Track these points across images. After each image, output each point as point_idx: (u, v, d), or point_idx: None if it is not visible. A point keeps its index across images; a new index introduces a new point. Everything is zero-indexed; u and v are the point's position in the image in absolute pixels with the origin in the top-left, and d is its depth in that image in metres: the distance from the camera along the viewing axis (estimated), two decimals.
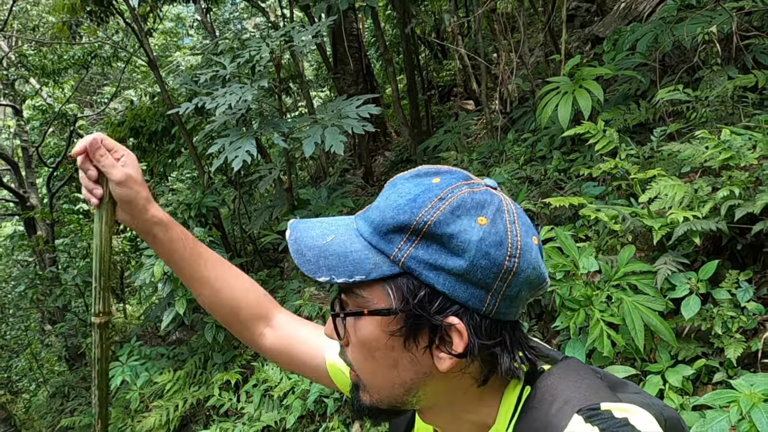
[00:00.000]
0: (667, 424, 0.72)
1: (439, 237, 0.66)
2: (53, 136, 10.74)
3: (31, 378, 10.85)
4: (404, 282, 0.67)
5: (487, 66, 5.70)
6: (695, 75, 3.60)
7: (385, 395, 0.74)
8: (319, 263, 0.70)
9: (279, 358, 1.12)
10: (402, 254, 0.67)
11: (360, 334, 0.72)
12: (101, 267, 1.00)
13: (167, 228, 1.03)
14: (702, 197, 2.41)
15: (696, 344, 2.25)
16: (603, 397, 0.68)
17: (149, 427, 4.74)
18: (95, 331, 1.03)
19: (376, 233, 0.69)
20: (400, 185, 0.71)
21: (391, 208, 0.68)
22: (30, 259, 10.59)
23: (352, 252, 0.69)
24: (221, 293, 1.08)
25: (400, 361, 0.71)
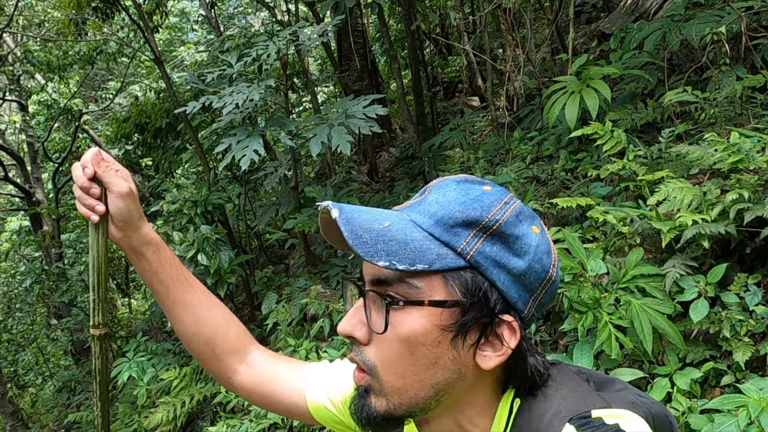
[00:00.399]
0: (655, 421, 0.74)
1: (507, 237, 0.68)
2: (58, 131, 10.76)
3: (38, 372, 10.94)
4: (468, 275, 0.68)
5: (492, 63, 5.69)
6: (703, 75, 3.58)
7: (407, 399, 0.70)
8: (378, 247, 0.67)
9: (251, 396, 1.07)
10: (470, 248, 0.67)
11: (404, 328, 0.68)
12: (98, 279, 0.99)
13: (158, 248, 1.01)
14: (711, 200, 2.41)
15: (704, 347, 2.26)
16: (593, 404, 0.69)
17: (156, 423, 4.77)
18: (95, 343, 1.02)
19: (439, 225, 0.69)
20: (454, 186, 0.72)
21: (456, 203, 0.69)
22: (36, 254, 10.65)
23: (413, 240, 0.68)
24: (202, 321, 1.05)
25: (441, 358, 0.69)
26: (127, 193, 0.95)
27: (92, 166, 0.93)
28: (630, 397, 0.76)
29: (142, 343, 5.82)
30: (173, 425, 4.81)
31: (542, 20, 8.02)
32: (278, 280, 5.52)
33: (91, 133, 11.01)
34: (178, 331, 1.06)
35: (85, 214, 0.95)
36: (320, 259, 5.40)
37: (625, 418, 0.66)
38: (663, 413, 0.77)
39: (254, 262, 6.71)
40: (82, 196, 0.95)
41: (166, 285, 1.02)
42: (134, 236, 0.99)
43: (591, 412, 0.67)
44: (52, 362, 10.63)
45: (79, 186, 0.94)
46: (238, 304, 6.44)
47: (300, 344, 4.13)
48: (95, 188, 0.94)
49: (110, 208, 0.96)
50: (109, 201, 0.95)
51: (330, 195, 4.66)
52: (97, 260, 0.98)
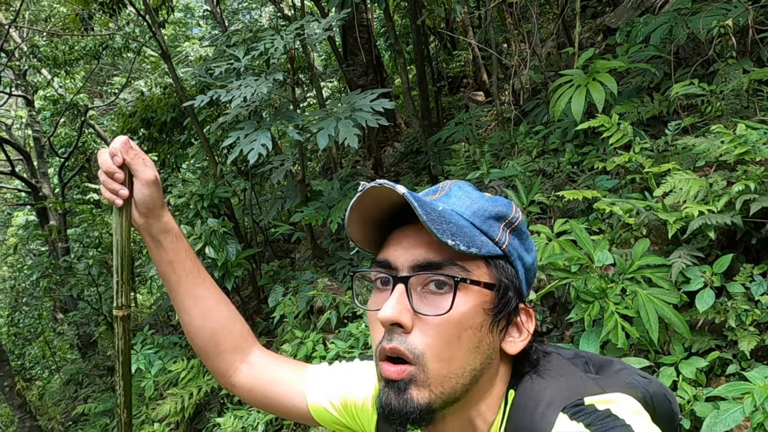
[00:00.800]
0: (653, 400, 0.77)
1: (522, 233, 0.78)
2: (64, 126, 10.79)
3: (44, 365, 11.01)
4: (502, 264, 0.74)
5: (498, 57, 5.69)
6: (710, 68, 3.59)
7: (448, 388, 0.70)
8: (443, 227, 0.68)
9: (250, 395, 1.08)
10: (504, 239, 0.75)
11: (457, 309, 0.69)
12: (122, 262, 1.02)
13: (176, 238, 1.03)
14: (717, 191, 2.42)
15: (710, 337, 2.28)
16: (585, 392, 0.71)
17: (164, 414, 4.82)
18: (117, 323, 1.04)
19: (476, 216, 0.75)
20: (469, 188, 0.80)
21: (484, 199, 0.77)
22: (43, 249, 10.71)
23: (464, 226, 0.72)
24: (209, 315, 1.06)
25: (482, 342, 0.71)
26: (153, 180, 0.98)
27: (121, 154, 0.95)
28: (627, 378, 0.79)
29: (148, 336, 5.87)
30: (181, 416, 4.86)
31: (548, 14, 8.01)
32: (284, 274, 5.55)
33: (97, 129, 11.05)
34: (184, 323, 1.07)
35: (110, 198, 0.97)
36: (326, 252, 5.43)
37: (616, 402, 0.68)
38: (661, 392, 0.80)
39: (261, 256, 6.75)
40: (106, 180, 0.97)
41: (179, 275, 1.04)
42: (155, 223, 1.01)
43: (584, 399, 0.69)
44: (59, 356, 10.69)
45: (104, 171, 0.96)
46: (244, 297, 6.48)
47: (307, 336, 4.16)
48: (119, 173, 0.96)
49: (135, 194, 0.98)
50: (135, 188, 0.98)
51: (336, 188, 4.68)
52: (120, 244, 1.01)
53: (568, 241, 2.64)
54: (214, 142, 6.11)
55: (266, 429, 4.14)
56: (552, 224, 3.02)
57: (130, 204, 0.99)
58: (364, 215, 0.75)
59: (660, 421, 0.76)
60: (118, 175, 0.96)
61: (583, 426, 0.65)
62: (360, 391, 0.98)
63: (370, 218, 0.76)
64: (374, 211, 0.75)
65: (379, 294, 0.75)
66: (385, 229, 0.78)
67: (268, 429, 4.16)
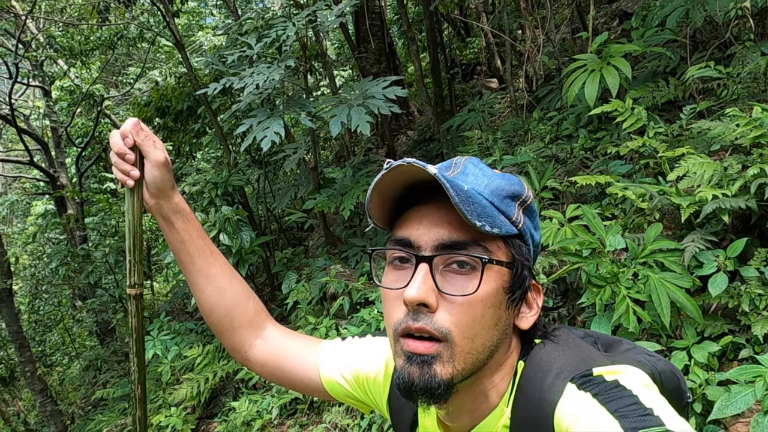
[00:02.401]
0: (662, 377, 0.77)
1: (533, 212, 0.79)
2: (81, 116, 10.91)
3: (64, 352, 11.22)
4: (518, 243, 0.75)
5: (511, 43, 5.64)
6: (727, 51, 3.53)
7: (469, 363, 0.71)
8: (471, 207, 0.69)
9: (265, 369, 1.10)
10: (520, 219, 0.76)
11: (482, 290, 0.70)
12: (134, 241, 1.04)
13: (187, 218, 1.05)
14: (732, 175, 2.40)
15: (723, 321, 2.27)
16: (594, 363, 0.72)
17: (181, 398, 4.91)
18: (130, 301, 1.07)
19: (494, 195, 0.75)
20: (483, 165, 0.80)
21: (498, 177, 0.78)
22: (61, 237, 10.88)
23: (486, 206, 0.72)
24: (223, 293, 1.08)
25: (501, 319, 0.74)
26: (163, 162, 0.99)
27: (132, 136, 0.97)
28: (636, 356, 0.79)
29: (165, 323, 5.96)
30: (197, 401, 4.94)
31: (562, 0, 7.92)
32: (298, 261, 5.59)
33: (113, 118, 11.16)
34: (199, 301, 1.09)
35: (121, 178, 1.00)
36: (339, 239, 5.46)
37: (624, 372, 0.69)
38: (669, 369, 0.80)
39: (274, 244, 6.80)
40: (118, 161, 0.99)
41: (192, 255, 1.06)
42: (166, 204, 1.03)
43: (592, 370, 0.70)
44: (78, 342, 10.89)
45: (115, 152, 0.98)
46: (258, 284, 6.54)
47: (320, 322, 4.20)
48: (130, 154, 0.98)
49: (146, 176, 1.00)
50: (146, 169, 1.00)
51: (349, 176, 4.70)
52: (132, 224, 1.03)
53: (580, 226, 2.63)
54: (228, 130, 6.15)
55: (280, 413, 4.20)
56: (564, 210, 3.01)
57: (141, 185, 1.01)
58: (382, 192, 0.75)
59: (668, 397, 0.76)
60: (129, 156, 0.98)
61: (591, 396, 0.65)
62: (372, 365, 1.00)
63: (388, 195, 0.75)
64: (393, 189, 0.75)
65: (395, 272, 0.75)
66: (400, 207, 0.77)
67: (282, 413, 4.22)
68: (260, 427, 4.16)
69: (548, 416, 0.69)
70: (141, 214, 1.04)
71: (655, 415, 0.60)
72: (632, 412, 0.61)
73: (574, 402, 0.67)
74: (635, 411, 0.61)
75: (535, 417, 0.71)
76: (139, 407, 1.12)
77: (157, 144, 1.00)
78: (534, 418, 0.71)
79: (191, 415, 5.14)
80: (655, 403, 0.63)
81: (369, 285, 4.23)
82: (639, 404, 0.62)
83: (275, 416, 4.17)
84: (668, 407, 0.64)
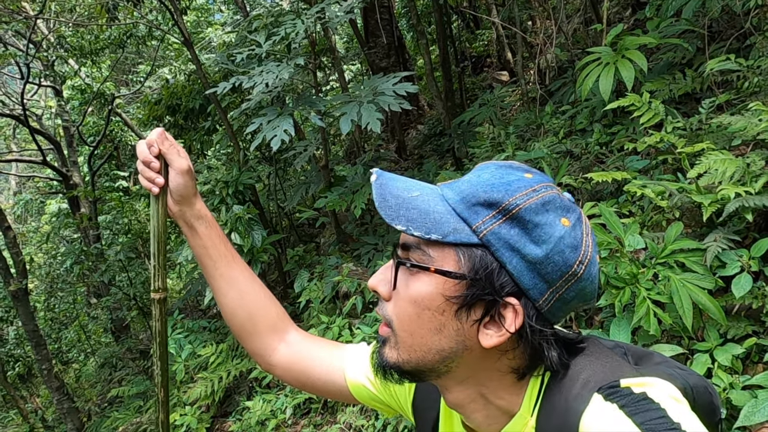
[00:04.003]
0: (694, 392, 0.74)
1: (526, 223, 0.69)
2: (92, 115, 10.96)
3: (80, 349, 11.34)
4: (478, 253, 0.70)
5: (522, 35, 5.56)
6: (746, 41, 3.44)
7: (414, 358, 0.75)
8: (400, 212, 0.71)
9: (289, 374, 1.10)
10: (485, 227, 0.70)
11: (414, 290, 0.73)
12: (158, 247, 1.07)
13: (209, 224, 1.08)
14: (755, 172, 2.33)
15: (747, 323, 2.21)
16: (622, 374, 0.69)
17: (195, 397, 4.92)
18: (155, 306, 1.09)
19: (462, 202, 0.72)
20: (493, 169, 0.74)
21: (483, 184, 0.72)
22: (75, 236, 10.97)
23: (435, 212, 0.71)
24: (246, 297, 1.09)
25: (446, 327, 0.72)
26: (186, 170, 1.03)
27: (157, 145, 1.01)
28: (668, 370, 0.76)
29: (178, 321, 5.98)
30: (211, 399, 4.96)
31: None
32: (309, 259, 5.58)
33: (124, 117, 11.20)
34: (222, 306, 1.11)
35: (147, 186, 1.03)
36: (351, 237, 5.43)
37: (653, 385, 0.66)
38: (702, 384, 0.77)
39: (286, 241, 6.79)
40: (144, 169, 1.03)
41: (214, 260, 1.08)
42: (188, 210, 1.06)
43: (620, 381, 0.67)
44: (94, 339, 10.99)
45: (141, 161, 1.02)
46: (270, 282, 6.54)
47: (332, 321, 4.18)
48: (155, 163, 1.02)
49: (170, 183, 1.03)
50: (170, 177, 1.03)
51: (360, 173, 4.66)
52: (156, 230, 1.06)
53: (597, 224, 2.57)
54: (238, 128, 6.13)
55: (294, 412, 4.20)
56: (581, 207, 2.95)
57: (165, 192, 1.05)
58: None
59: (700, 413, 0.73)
60: (154, 164, 1.02)
61: (617, 407, 0.63)
62: None
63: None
64: None
65: None
66: None
67: (296, 412, 4.22)
68: (274, 426, 4.16)
69: (573, 426, 0.67)
70: (165, 220, 1.07)
71: (682, 430, 0.58)
72: (659, 426, 0.59)
73: (599, 413, 0.65)
74: (662, 425, 0.59)
75: (560, 427, 0.69)
76: (162, 410, 1.14)
77: (181, 153, 1.04)
78: (559, 428, 0.70)
79: (206, 414, 5.16)
80: (684, 417, 0.61)
81: None
82: (667, 418, 0.60)
83: (289, 416, 4.17)
84: (697, 422, 0.61)
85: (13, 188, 17.33)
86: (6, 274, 7.60)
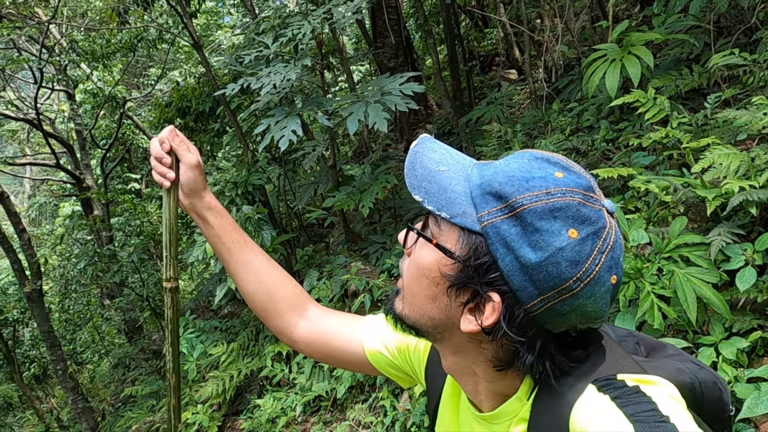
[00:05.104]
0: (702, 387, 0.75)
1: (527, 224, 0.67)
2: (104, 118, 11.09)
3: (94, 350, 11.47)
4: (477, 241, 0.71)
5: (530, 33, 5.56)
6: (753, 36, 3.43)
7: (413, 315, 0.80)
8: (422, 184, 0.75)
9: (311, 348, 1.15)
10: (488, 218, 0.70)
11: (420, 256, 0.77)
12: (170, 238, 1.12)
13: (219, 214, 1.13)
14: (759, 166, 2.33)
15: (752, 316, 2.21)
16: (620, 369, 0.71)
17: (207, 396, 4.98)
18: (167, 294, 1.14)
19: (479, 187, 0.72)
20: (527, 159, 0.73)
21: (505, 174, 0.71)
22: (88, 238, 11.10)
23: (453, 191, 0.74)
24: (263, 278, 1.14)
25: (438, 299, 0.76)
26: (196, 164, 1.09)
27: (168, 141, 1.07)
28: (677, 364, 0.77)
29: (190, 321, 6.04)
30: (222, 398, 5.01)
31: None
32: (319, 258, 5.62)
33: (135, 120, 11.31)
34: (241, 289, 1.16)
35: (159, 180, 1.09)
36: (360, 236, 5.46)
37: (648, 382, 0.67)
38: (712, 380, 0.78)
39: (295, 241, 6.83)
40: (156, 165, 1.09)
41: (228, 247, 1.13)
42: (198, 203, 1.12)
43: (617, 375, 0.69)
44: (107, 340, 11.12)
45: (153, 156, 1.08)
46: None
47: None
48: (167, 158, 1.08)
49: (181, 177, 1.09)
50: (181, 171, 1.09)
51: (368, 173, 4.69)
52: (168, 222, 1.11)
53: None
54: (247, 129, 6.18)
55: (304, 410, 4.23)
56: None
57: (176, 186, 1.10)
58: None
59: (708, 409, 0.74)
60: (166, 159, 1.08)
61: (609, 398, 0.65)
62: None
63: None
64: None
65: None
66: None
67: (306, 410, 4.26)
68: (285, 424, 4.20)
69: (565, 414, 0.69)
70: (177, 212, 1.12)
71: (671, 422, 0.60)
72: (648, 418, 0.60)
73: (591, 403, 0.67)
74: (652, 417, 0.61)
75: (553, 413, 0.71)
76: (174, 395, 1.18)
77: (191, 148, 1.09)
78: (551, 415, 0.71)
79: (217, 412, 5.21)
80: (674, 411, 0.62)
81: (389, 282, 4.23)
82: (656, 411, 0.61)
83: (299, 413, 4.21)
84: (689, 418, 0.62)
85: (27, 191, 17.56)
86: (21, 276, 7.72)
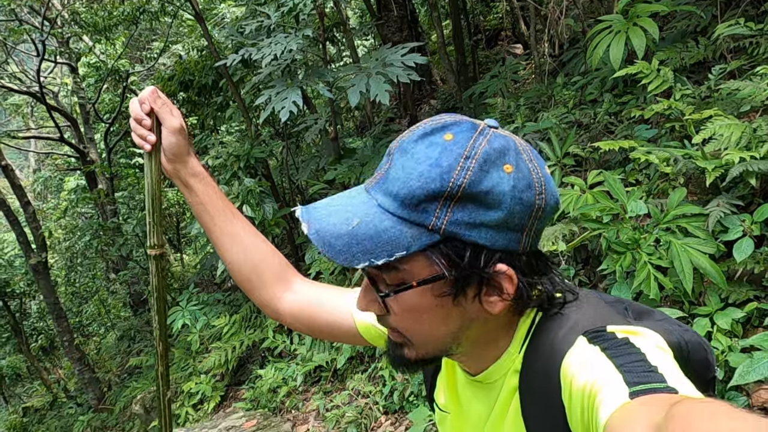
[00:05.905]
0: (689, 347, 0.75)
1: (475, 196, 0.66)
2: (107, 92, 11.05)
3: (100, 322, 11.62)
4: (448, 247, 0.68)
5: (536, 6, 5.48)
6: (761, 7, 3.37)
7: (431, 348, 0.77)
8: (353, 251, 0.68)
9: (297, 319, 1.11)
10: (441, 222, 0.67)
11: (406, 304, 0.73)
12: (153, 204, 1.09)
13: (204, 180, 1.09)
14: (761, 137, 2.31)
15: (748, 287, 2.21)
16: (610, 322, 0.72)
17: (210, 366, 5.05)
18: (151, 262, 1.11)
19: (405, 207, 0.68)
20: (412, 150, 0.69)
21: (415, 178, 0.67)
22: (92, 212, 11.15)
23: (385, 231, 0.68)
24: (248, 250, 1.10)
25: (450, 315, 0.73)
26: (179, 128, 1.04)
27: (149, 102, 1.03)
28: (665, 325, 0.77)
29: (194, 294, 6.09)
30: (225, 368, 5.08)
31: None
32: None
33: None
34: (226, 261, 1.12)
35: (139, 143, 1.05)
36: None
37: (637, 333, 0.68)
38: (697, 341, 0.78)
39: None
40: (135, 126, 1.05)
41: (212, 216, 1.09)
42: (182, 169, 1.07)
43: (606, 327, 0.70)
44: (113, 313, 11.25)
45: (133, 118, 1.04)
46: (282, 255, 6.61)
47: None
48: (146, 120, 1.04)
49: (163, 142, 1.05)
50: (163, 135, 1.05)
51: (370, 146, 4.67)
52: (150, 186, 1.08)
53: (601, 192, 2.58)
54: (250, 103, 6.15)
55: (305, 380, 4.29)
56: (587, 176, 2.95)
57: (159, 150, 1.06)
58: None
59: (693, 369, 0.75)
60: (146, 121, 1.04)
61: (599, 349, 0.66)
62: None
63: None
64: None
65: None
66: None
67: (307, 380, 4.31)
68: (286, 393, 4.26)
69: (556, 365, 0.70)
70: (159, 177, 1.09)
71: (659, 372, 0.60)
72: (637, 368, 0.61)
73: (582, 354, 0.68)
74: (640, 367, 0.61)
75: (544, 365, 0.72)
76: (161, 363, 1.17)
77: (174, 111, 1.04)
78: (543, 366, 0.72)
79: (220, 382, 5.29)
80: (662, 362, 0.63)
81: None
82: (645, 361, 0.62)
83: (300, 383, 4.27)
84: (675, 367, 0.63)
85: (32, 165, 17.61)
86: (26, 249, 7.79)
